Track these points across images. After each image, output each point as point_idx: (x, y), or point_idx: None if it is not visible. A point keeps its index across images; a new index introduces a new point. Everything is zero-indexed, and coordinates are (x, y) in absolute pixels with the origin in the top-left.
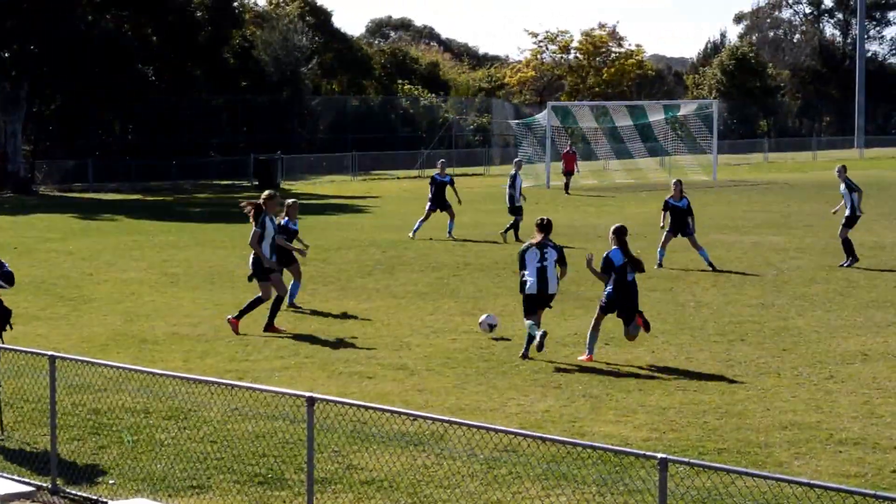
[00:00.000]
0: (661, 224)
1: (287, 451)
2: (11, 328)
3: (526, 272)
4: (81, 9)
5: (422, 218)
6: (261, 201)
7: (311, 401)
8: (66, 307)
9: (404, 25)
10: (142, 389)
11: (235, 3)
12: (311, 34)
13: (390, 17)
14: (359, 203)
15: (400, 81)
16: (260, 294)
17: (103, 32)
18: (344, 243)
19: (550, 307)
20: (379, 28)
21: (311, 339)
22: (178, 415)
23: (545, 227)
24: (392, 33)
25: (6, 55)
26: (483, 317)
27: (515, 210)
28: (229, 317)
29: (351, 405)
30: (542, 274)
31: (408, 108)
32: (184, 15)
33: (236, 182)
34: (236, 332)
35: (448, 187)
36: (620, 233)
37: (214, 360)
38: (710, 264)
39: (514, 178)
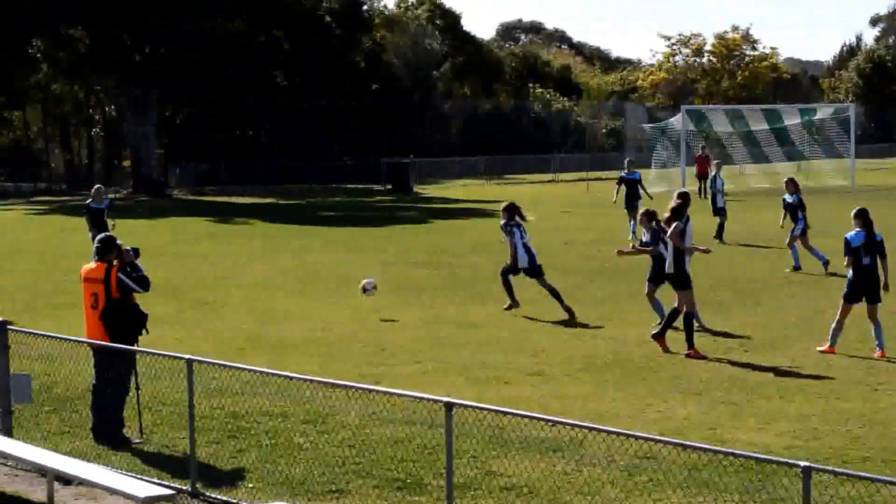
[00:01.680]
0: (781, 224)
1: (425, 455)
2: (147, 332)
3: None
4: (212, 13)
5: (631, 221)
6: (676, 203)
7: (449, 406)
8: (202, 311)
9: (535, 28)
10: (279, 393)
11: (365, 7)
12: (441, 38)
13: (520, 20)
14: (491, 207)
15: (531, 85)
16: (676, 305)
17: (234, 36)
18: (476, 248)
19: None
20: (509, 31)
21: (448, 344)
22: (315, 419)
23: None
24: (523, 36)
25: (137, 59)
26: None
27: (718, 211)
28: (654, 332)
29: (489, 410)
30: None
31: (539, 112)
32: (314, 19)
33: (368, 186)
34: (664, 349)
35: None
36: (864, 214)
37: (351, 365)
38: (825, 263)
39: (714, 179)
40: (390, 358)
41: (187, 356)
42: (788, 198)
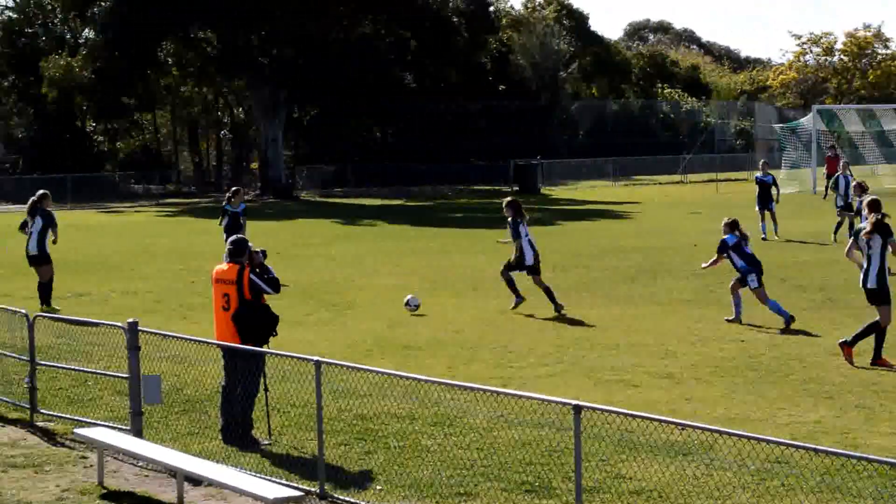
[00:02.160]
0: None
1: (554, 459)
2: (276, 334)
3: None
4: (338, 14)
5: (761, 221)
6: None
7: (577, 408)
8: (330, 312)
9: (663, 28)
10: (407, 395)
11: (492, 8)
12: (568, 38)
13: (648, 20)
14: (620, 209)
15: (659, 85)
16: (878, 318)
17: (360, 38)
18: (606, 250)
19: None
20: (637, 31)
21: (575, 346)
22: (443, 421)
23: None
24: (651, 36)
25: (264, 62)
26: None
27: (846, 209)
28: (840, 341)
29: (618, 413)
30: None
31: (668, 113)
32: (440, 20)
33: (496, 187)
34: (849, 361)
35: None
36: None
37: (478, 367)
38: None
39: (839, 178)
40: (518, 360)
41: (316, 358)
42: None
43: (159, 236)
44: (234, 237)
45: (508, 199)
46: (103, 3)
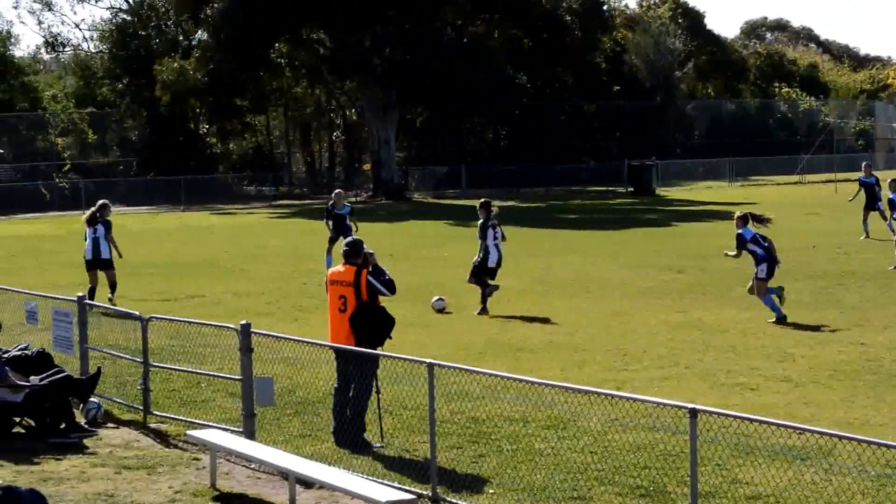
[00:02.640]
0: None
1: (668, 463)
2: (391, 338)
3: None
4: (449, 14)
5: (864, 223)
6: None
7: (693, 412)
8: (442, 314)
9: (781, 27)
10: (520, 398)
11: (606, 7)
12: (683, 37)
13: (766, 18)
14: (736, 210)
15: (777, 84)
16: None
17: (471, 37)
18: (722, 251)
19: None
20: (754, 30)
21: (690, 349)
22: (556, 424)
23: None
24: (768, 35)
25: (376, 62)
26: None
27: None
28: None
29: (734, 417)
30: None
31: (786, 112)
32: (553, 19)
33: (609, 188)
34: None
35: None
36: None
37: (592, 370)
38: None
39: None
40: (632, 363)
41: (428, 360)
42: None
43: (271, 238)
44: (349, 239)
45: (482, 200)
46: (216, 5)
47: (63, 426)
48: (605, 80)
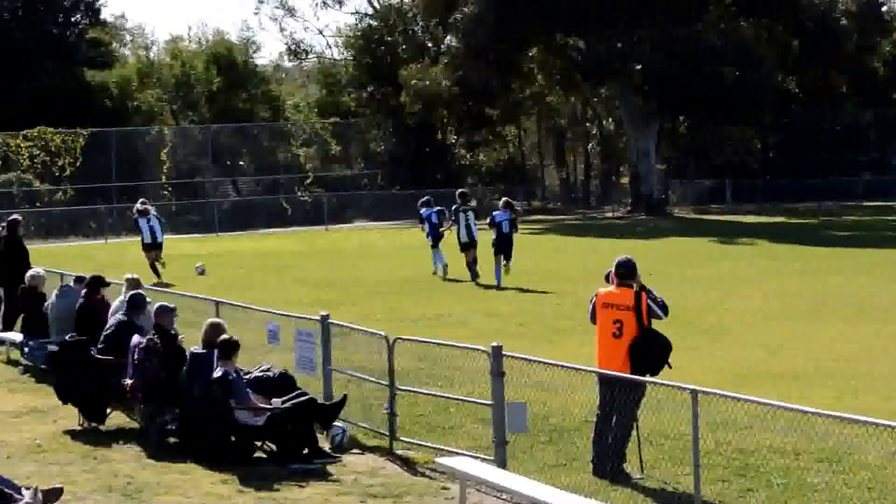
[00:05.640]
0: None
1: None
2: (671, 366)
3: None
4: (713, 17)
5: None
6: None
7: None
8: (703, 337)
9: None
10: (790, 428)
11: (885, 8)
12: None
13: None
14: None
15: None
16: None
17: (736, 41)
18: None
19: None
20: None
21: None
22: (831, 457)
23: None
24: None
25: (637, 68)
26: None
27: None
28: None
29: None
30: None
31: None
32: (826, 22)
33: (889, 203)
34: None
35: None
36: None
37: (869, 398)
38: None
39: None
40: None
41: (692, 386)
42: None
43: (524, 256)
44: (622, 258)
45: (460, 190)
46: (466, 9)
47: (306, 451)
48: (883, 87)
